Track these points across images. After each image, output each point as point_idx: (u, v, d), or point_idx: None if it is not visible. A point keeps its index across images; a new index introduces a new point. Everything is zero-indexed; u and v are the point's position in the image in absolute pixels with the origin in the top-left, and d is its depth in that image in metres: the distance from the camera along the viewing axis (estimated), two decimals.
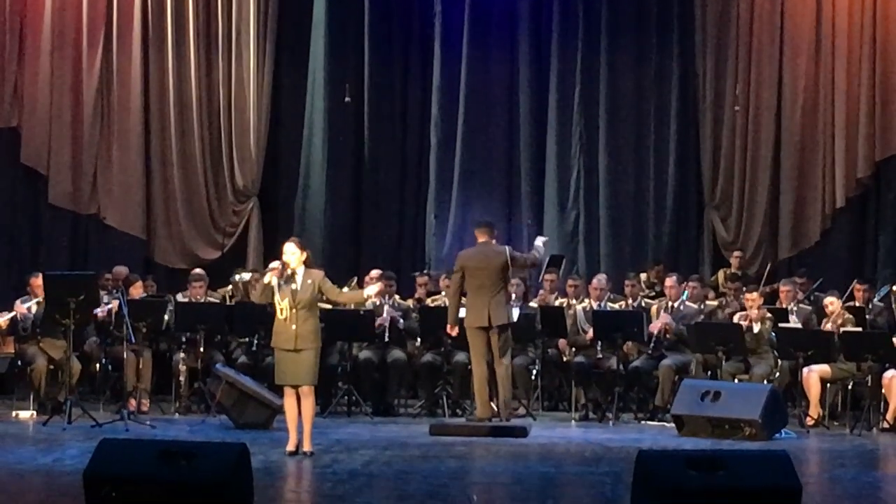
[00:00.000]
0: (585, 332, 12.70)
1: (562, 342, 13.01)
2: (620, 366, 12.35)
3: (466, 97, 16.16)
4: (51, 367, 12.22)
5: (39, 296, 12.15)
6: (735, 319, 12.50)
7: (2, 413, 12.18)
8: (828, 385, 12.14)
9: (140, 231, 15.80)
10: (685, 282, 12.96)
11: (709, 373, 12.33)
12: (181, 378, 12.50)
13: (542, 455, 10.19)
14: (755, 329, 12.25)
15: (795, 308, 12.82)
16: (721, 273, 15.13)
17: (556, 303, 13.33)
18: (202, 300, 13.00)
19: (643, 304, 12.98)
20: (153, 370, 12.62)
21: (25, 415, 12.01)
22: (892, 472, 10.33)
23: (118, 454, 7.18)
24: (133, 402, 12.10)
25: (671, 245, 16.01)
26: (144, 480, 6.96)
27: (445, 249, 15.96)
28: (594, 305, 12.86)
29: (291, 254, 9.75)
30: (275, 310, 9.79)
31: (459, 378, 12.61)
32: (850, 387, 12.32)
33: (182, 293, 13.30)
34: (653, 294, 14.07)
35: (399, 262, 15.75)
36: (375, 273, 13.18)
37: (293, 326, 9.66)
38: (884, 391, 11.81)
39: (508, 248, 11.83)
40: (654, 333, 12.39)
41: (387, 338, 12.68)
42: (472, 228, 13.69)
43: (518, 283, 12.94)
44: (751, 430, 10.87)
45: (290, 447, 9.74)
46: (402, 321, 12.83)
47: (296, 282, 9.69)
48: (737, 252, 15.42)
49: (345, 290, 10.17)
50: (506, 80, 16.34)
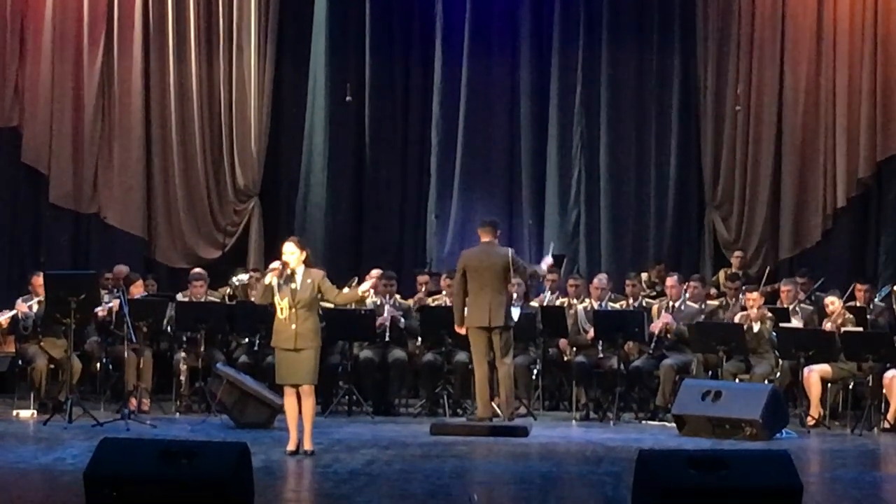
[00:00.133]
0: (586, 332, 12.70)
1: (563, 342, 13.01)
2: (621, 365, 12.35)
3: (467, 97, 16.15)
4: (51, 367, 12.23)
5: (41, 295, 12.15)
6: (736, 319, 12.50)
7: (2, 412, 12.17)
8: (829, 385, 12.14)
9: (141, 230, 15.80)
10: (686, 282, 12.96)
11: (710, 372, 12.32)
12: (182, 377, 12.49)
13: (543, 455, 10.19)
14: (755, 328, 12.25)
15: (798, 308, 12.82)
16: (722, 273, 15.11)
17: (557, 302, 13.32)
18: (202, 299, 13.00)
19: (644, 304, 12.99)
20: (154, 369, 12.62)
21: (26, 414, 12.00)
22: (893, 472, 10.32)
23: (119, 453, 7.18)
24: (134, 402, 12.08)
25: (672, 245, 16.00)
26: (145, 480, 6.96)
27: (446, 249, 15.95)
28: (595, 305, 12.86)
29: (291, 253, 9.74)
30: (275, 309, 9.79)
31: (460, 378, 12.61)
32: (851, 387, 12.34)
33: (182, 293, 13.30)
34: (654, 294, 14.07)
35: (400, 262, 15.74)
36: (376, 273, 13.14)
37: (293, 326, 9.65)
38: (884, 391, 11.80)
39: (511, 251, 11.79)
40: (655, 333, 12.39)
41: (387, 337, 12.68)
42: (471, 227, 13.73)
43: (519, 283, 12.92)
44: (752, 430, 10.86)
45: (291, 447, 9.73)
46: (403, 321, 12.83)
47: (295, 281, 9.68)
48: (738, 252, 15.42)
49: (345, 291, 10.14)
50: (507, 80, 16.33)
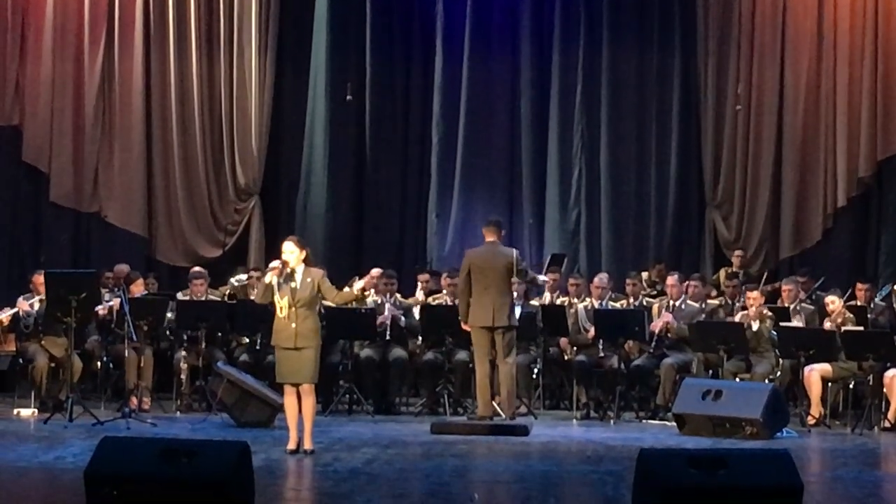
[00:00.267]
0: (587, 331, 12.70)
1: (563, 341, 13.01)
2: (622, 364, 12.35)
3: (468, 96, 16.16)
4: (52, 365, 12.23)
5: (42, 293, 12.13)
6: (737, 319, 12.50)
7: (3, 411, 12.17)
8: (829, 384, 12.14)
9: (141, 229, 15.81)
10: (686, 281, 12.96)
11: (710, 372, 12.31)
12: (182, 376, 12.49)
13: (544, 454, 10.19)
14: (754, 327, 12.25)
15: (799, 308, 12.82)
16: (722, 272, 15.12)
17: (558, 301, 13.32)
18: (203, 298, 12.99)
19: (644, 303, 12.99)
20: (154, 368, 12.62)
21: (27, 412, 12.00)
22: (894, 472, 10.32)
23: (119, 452, 7.18)
24: (134, 401, 12.08)
25: (673, 244, 16.01)
26: (146, 478, 6.96)
27: (447, 248, 15.95)
28: (595, 304, 12.86)
29: (290, 252, 9.73)
30: (275, 308, 9.79)
31: (461, 376, 12.61)
32: (852, 386, 12.34)
33: (182, 291, 13.30)
34: (654, 293, 14.07)
35: (400, 261, 15.74)
36: (376, 272, 13.16)
37: (293, 325, 9.65)
38: (885, 390, 11.80)
39: (516, 253, 11.76)
40: (656, 332, 12.39)
41: (388, 336, 12.68)
42: (472, 227, 13.70)
43: (518, 282, 12.91)
44: (752, 429, 10.86)
45: (291, 445, 9.73)
46: (404, 319, 12.83)
47: (295, 280, 9.68)
48: (738, 251, 15.43)
49: (345, 290, 10.11)
50: (507, 79, 16.34)
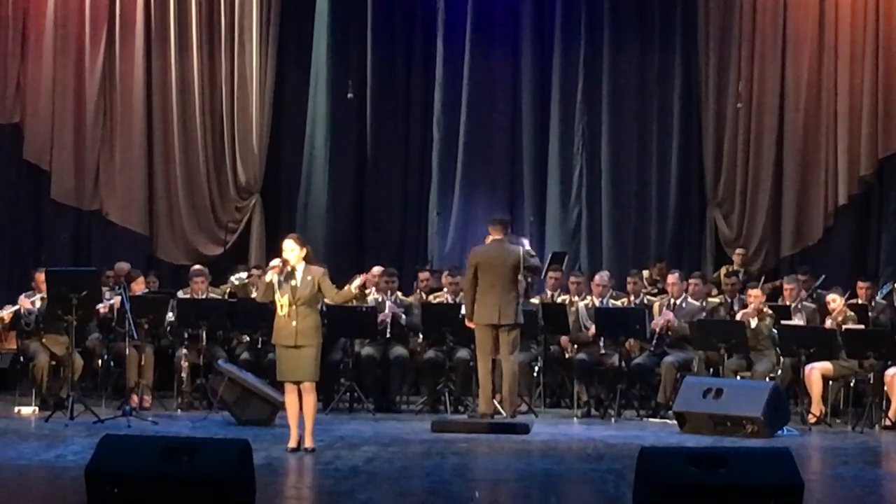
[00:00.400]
0: (588, 329, 12.70)
1: (564, 339, 13.01)
2: (623, 363, 12.35)
3: (469, 93, 16.15)
4: (53, 363, 12.24)
5: (43, 291, 12.13)
6: (738, 317, 12.49)
7: (4, 409, 12.17)
8: (830, 382, 12.13)
9: (142, 227, 15.81)
10: (687, 279, 12.95)
11: (711, 370, 12.30)
12: (183, 374, 12.50)
13: (544, 452, 10.18)
14: (752, 324, 12.25)
15: (800, 306, 12.81)
16: (723, 270, 15.12)
17: (559, 299, 13.32)
18: (203, 296, 12.99)
19: (645, 301, 12.98)
20: (155, 366, 12.63)
21: (27, 411, 12.00)
22: (894, 470, 10.31)
23: (120, 450, 7.20)
24: (135, 399, 12.10)
25: (673, 242, 16.00)
26: (146, 476, 6.97)
27: (448, 246, 15.95)
28: (596, 302, 12.86)
29: (290, 250, 9.73)
30: (275, 306, 9.79)
31: (461, 375, 12.61)
32: (853, 384, 12.33)
33: (183, 290, 13.29)
34: (655, 291, 14.07)
35: (401, 259, 15.74)
36: (377, 270, 13.17)
37: (293, 323, 9.64)
38: (886, 388, 11.79)
39: (523, 249, 11.71)
40: (657, 330, 12.39)
41: (389, 334, 12.68)
42: (473, 225, 13.68)
43: (519, 280, 12.89)
44: (753, 428, 10.85)
45: (292, 444, 9.73)
46: (404, 317, 12.83)
47: (295, 278, 9.67)
48: (739, 249, 15.42)
49: (346, 289, 10.09)
50: (508, 77, 16.33)
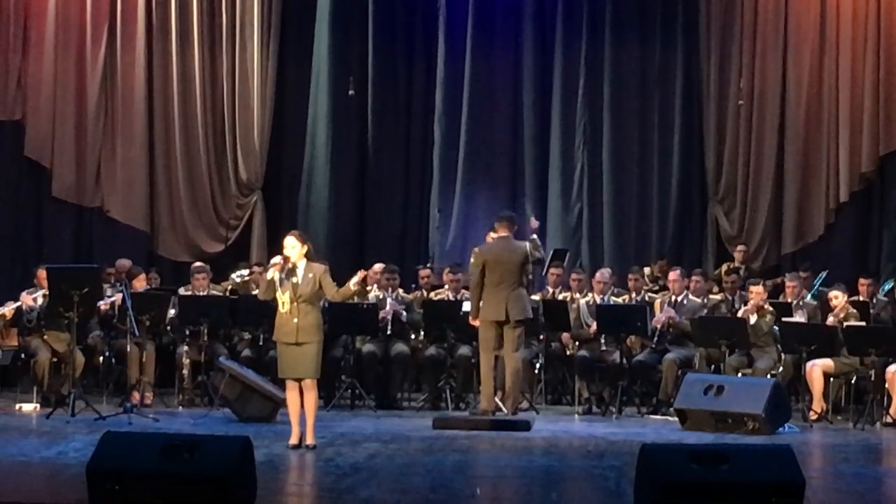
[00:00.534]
0: (589, 326, 12.70)
1: (565, 336, 13.01)
2: (624, 360, 12.35)
3: (470, 91, 16.14)
4: (54, 360, 12.24)
5: (46, 288, 12.13)
6: (740, 314, 12.49)
7: (5, 406, 12.18)
8: (831, 379, 12.14)
9: (143, 224, 15.80)
10: (689, 276, 12.95)
11: (712, 367, 12.31)
12: (184, 371, 12.50)
13: (546, 449, 10.18)
14: (751, 321, 12.24)
15: (802, 303, 12.81)
16: (724, 267, 15.12)
17: (560, 296, 13.32)
18: (205, 293, 12.99)
19: (647, 298, 13.00)
20: (156, 363, 12.63)
21: (29, 407, 12.01)
22: (895, 467, 10.32)
23: (121, 447, 7.20)
24: (136, 395, 12.11)
25: (675, 239, 15.99)
26: (147, 473, 6.97)
27: (449, 243, 15.95)
28: (598, 299, 12.86)
29: (291, 247, 9.73)
30: (277, 303, 9.79)
31: (463, 371, 12.61)
32: (854, 381, 12.33)
33: (185, 287, 13.29)
34: (656, 288, 14.08)
35: (403, 256, 15.72)
36: (378, 267, 13.17)
37: (295, 320, 9.64)
38: (887, 385, 11.80)
39: (529, 245, 11.67)
40: (658, 327, 12.39)
41: (390, 331, 12.69)
42: (474, 222, 13.64)
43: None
44: (754, 425, 10.86)
45: (293, 440, 9.73)
46: (406, 314, 12.83)
47: (297, 275, 9.67)
48: (740, 246, 15.41)
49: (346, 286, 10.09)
50: (509, 74, 16.31)
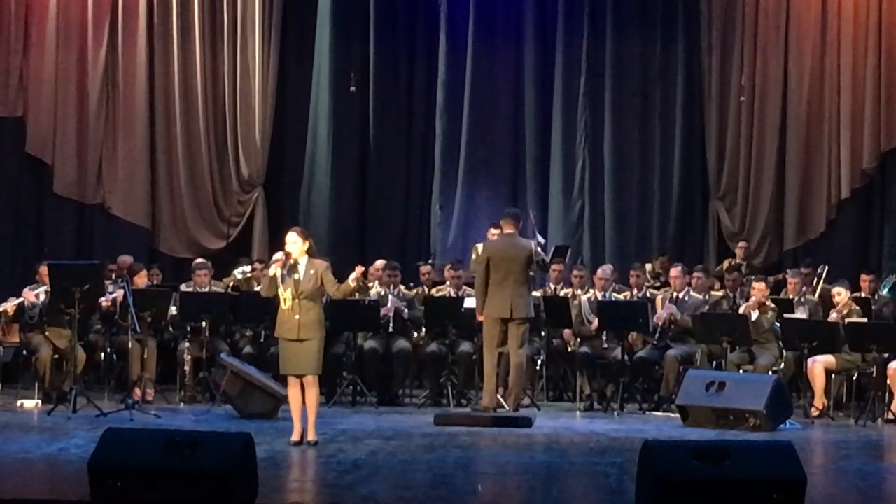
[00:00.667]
0: (590, 323, 12.70)
1: (567, 332, 13.00)
2: (625, 356, 12.34)
3: (472, 87, 16.14)
4: (56, 357, 12.24)
5: (47, 284, 12.13)
6: (741, 311, 12.49)
7: (7, 402, 12.17)
8: (833, 376, 12.14)
9: (145, 221, 15.81)
10: (690, 272, 12.95)
11: (714, 363, 12.31)
12: (186, 368, 12.50)
13: (547, 445, 10.18)
14: (753, 317, 12.24)
15: (804, 300, 12.80)
16: (725, 264, 15.12)
17: (562, 293, 13.31)
18: (206, 289, 12.99)
19: (648, 295, 12.98)
20: (158, 359, 12.63)
21: (30, 404, 12.01)
22: None
23: (123, 444, 7.20)
24: (138, 392, 12.10)
25: (676, 236, 16.00)
26: (149, 470, 6.97)
27: (450, 239, 15.96)
28: (599, 296, 12.84)
29: (293, 243, 9.73)
30: (278, 299, 9.78)
31: (464, 368, 12.60)
32: (855, 377, 12.31)
33: (186, 283, 13.28)
34: (658, 284, 14.08)
35: (404, 252, 15.74)
36: (380, 263, 13.17)
37: (296, 316, 9.64)
38: (889, 382, 11.79)
39: (534, 244, 11.66)
40: (659, 324, 12.39)
41: (391, 328, 12.69)
42: (475, 218, 13.62)
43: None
44: (755, 421, 10.86)
45: (295, 437, 9.73)
46: (407, 311, 12.83)
47: (298, 272, 9.67)
48: (742, 243, 15.42)
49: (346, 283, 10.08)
50: (511, 71, 16.32)
